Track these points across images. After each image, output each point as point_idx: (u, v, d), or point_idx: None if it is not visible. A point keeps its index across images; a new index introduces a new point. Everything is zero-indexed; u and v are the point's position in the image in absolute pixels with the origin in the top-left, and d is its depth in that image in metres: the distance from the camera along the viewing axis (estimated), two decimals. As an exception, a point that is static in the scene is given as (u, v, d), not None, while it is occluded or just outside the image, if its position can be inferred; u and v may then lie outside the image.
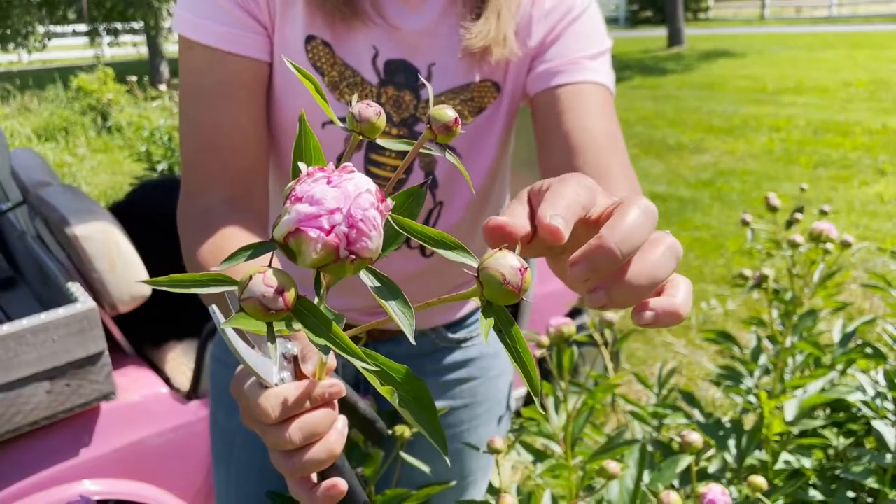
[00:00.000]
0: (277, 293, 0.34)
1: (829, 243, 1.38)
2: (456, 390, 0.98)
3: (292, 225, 0.32)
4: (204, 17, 0.77)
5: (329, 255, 0.33)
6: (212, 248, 0.71)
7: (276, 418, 0.43)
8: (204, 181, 0.78)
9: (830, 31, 17.43)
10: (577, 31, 0.83)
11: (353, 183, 0.33)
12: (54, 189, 1.89)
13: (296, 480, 0.46)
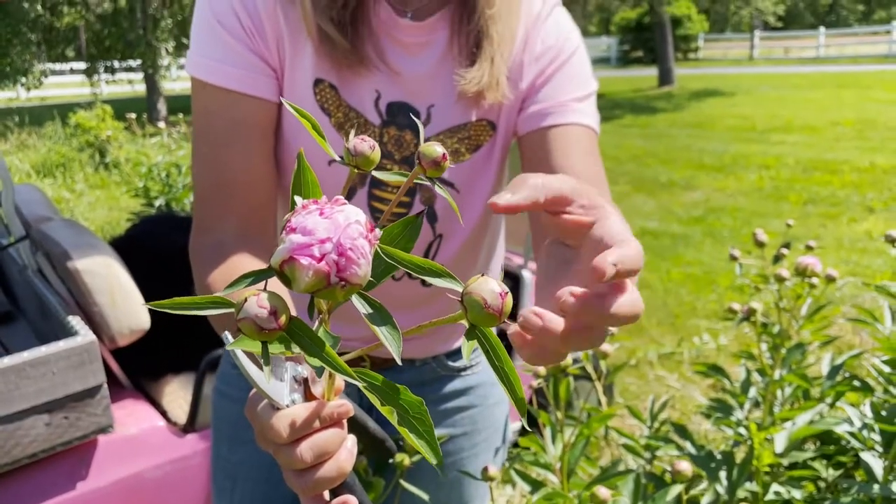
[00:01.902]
0: (271, 314, 0.36)
1: (814, 277, 1.42)
2: (456, 418, 1.00)
3: (286, 253, 0.35)
4: (216, 59, 0.80)
5: (320, 281, 0.36)
6: (222, 277, 0.74)
7: (287, 438, 0.45)
8: (216, 216, 0.81)
9: (818, 72, 17.76)
10: (566, 74, 0.88)
11: (344, 214, 0.36)
12: (56, 224, 1.93)
13: (309, 498, 0.48)
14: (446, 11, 0.85)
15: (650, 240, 5.11)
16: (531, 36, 0.87)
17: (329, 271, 0.35)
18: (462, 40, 0.84)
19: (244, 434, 1.02)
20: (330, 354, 0.38)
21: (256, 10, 0.81)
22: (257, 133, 0.82)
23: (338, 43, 0.80)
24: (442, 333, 0.98)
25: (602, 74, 20.69)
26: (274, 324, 0.37)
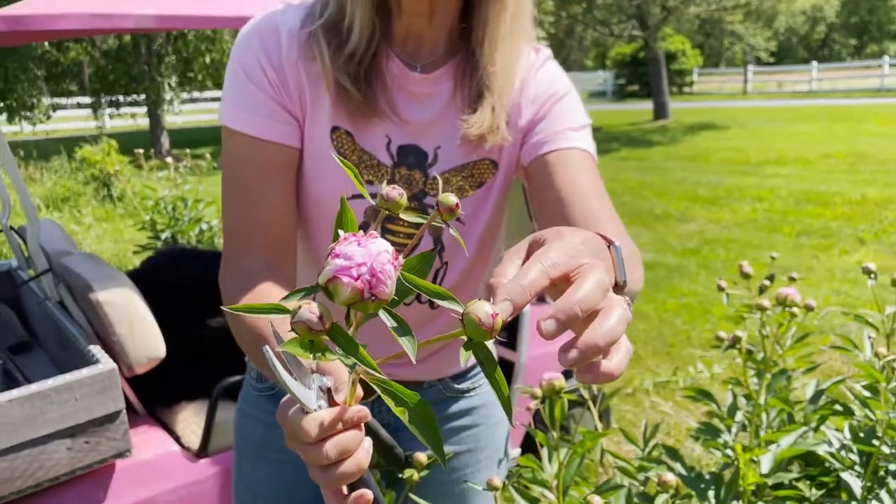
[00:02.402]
0: (318, 319, 0.46)
1: (794, 307, 1.51)
2: (461, 436, 1.09)
3: (331, 273, 0.45)
4: (245, 109, 0.90)
5: (356, 296, 0.45)
6: (247, 300, 0.83)
7: (315, 438, 0.53)
8: (243, 249, 0.90)
9: (811, 105, 18.03)
10: (561, 109, 0.97)
11: (376, 245, 0.46)
12: (77, 257, 2.02)
13: (330, 492, 0.56)
14: (451, 65, 0.94)
15: (646, 271, 5.19)
16: (527, 82, 0.97)
17: (363, 288, 0.45)
18: (465, 91, 0.94)
19: (266, 453, 1.10)
20: (362, 353, 0.48)
21: (281, 65, 0.91)
22: (281, 175, 0.92)
23: (353, 95, 0.90)
24: (447, 358, 1.07)
25: (598, 108, 20.99)
26: (321, 326, 0.47)
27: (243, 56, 0.91)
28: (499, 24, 0.91)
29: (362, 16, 0.88)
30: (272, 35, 0.91)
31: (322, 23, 0.90)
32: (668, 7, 14.74)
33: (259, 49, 0.91)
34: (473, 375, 1.12)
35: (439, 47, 0.95)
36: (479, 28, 0.92)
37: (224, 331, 2.16)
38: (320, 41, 0.89)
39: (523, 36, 0.95)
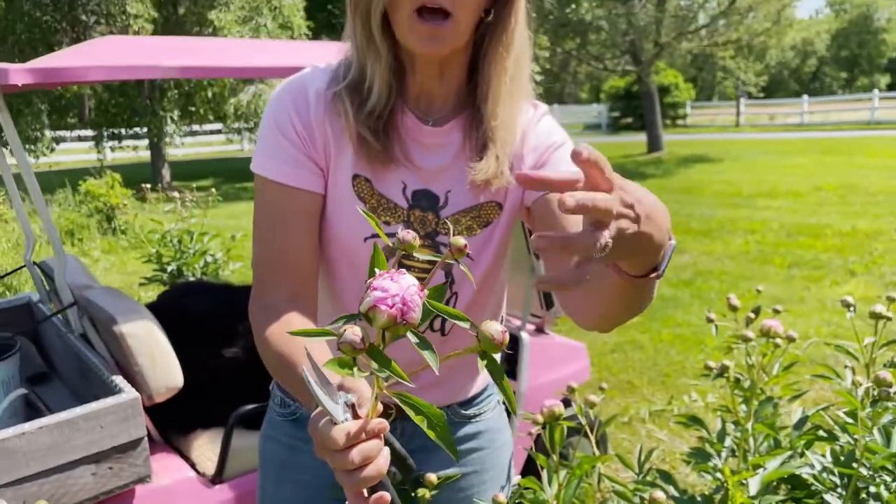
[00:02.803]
0: (360, 340, 0.58)
1: (777, 338, 1.62)
2: (467, 458, 1.19)
3: (371, 303, 0.57)
4: (277, 160, 1.02)
5: (391, 321, 0.57)
6: (277, 331, 0.93)
7: (342, 445, 0.62)
8: (271, 283, 1.01)
9: (802, 138, 18.31)
10: (559, 156, 1.09)
11: (406, 280, 0.58)
12: (100, 291, 2.13)
13: (353, 494, 0.65)
14: (459, 119, 1.06)
15: (641, 302, 5.33)
16: (528, 134, 1.09)
17: (397, 315, 0.57)
18: (472, 142, 1.06)
19: (288, 473, 1.20)
20: (394, 367, 0.60)
21: (309, 122, 1.03)
22: (306, 219, 1.03)
23: (373, 146, 1.01)
24: (454, 386, 1.18)
25: (593, 140, 21.25)
26: (362, 346, 0.58)
27: (277, 114, 1.03)
28: (500, 84, 1.03)
29: (381, 78, 1.00)
30: (301, 95, 1.04)
31: (346, 84, 1.02)
32: (660, 43, 15.05)
33: (291, 108, 1.03)
34: (478, 402, 1.22)
35: (448, 104, 1.07)
36: (482, 87, 1.04)
37: (237, 361, 2.26)
38: (345, 100, 1.01)
39: (522, 95, 1.07)
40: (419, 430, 1.09)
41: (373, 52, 0.98)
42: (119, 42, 2.10)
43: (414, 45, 0.96)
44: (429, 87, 1.05)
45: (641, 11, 14.59)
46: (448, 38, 0.95)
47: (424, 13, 0.93)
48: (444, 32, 0.94)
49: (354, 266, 1.07)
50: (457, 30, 0.95)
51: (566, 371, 2.75)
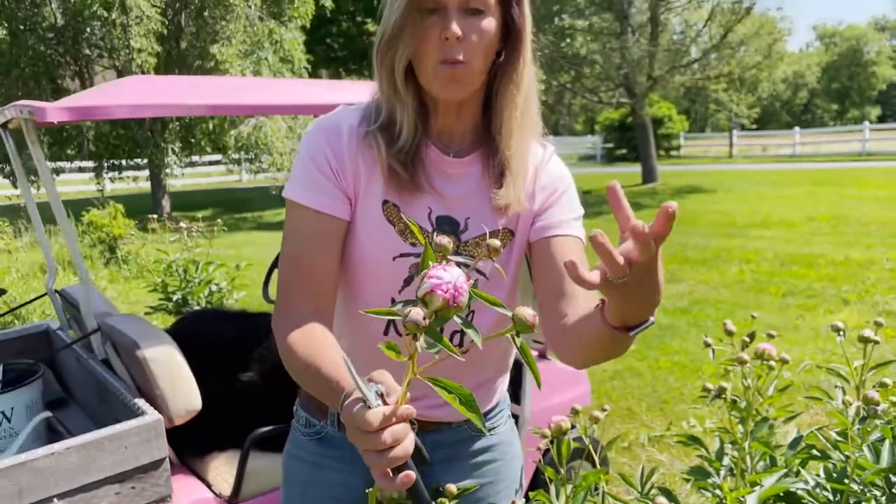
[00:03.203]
0: (424, 318, 0.68)
1: (771, 360, 1.72)
2: (483, 469, 1.28)
3: (428, 288, 0.67)
4: (309, 189, 1.13)
5: (444, 304, 0.67)
6: (299, 338, 1.03)
7: (376, 427, 0.71)
8: (296, 298, 1.11)
9: (795, 169, 18.55)
10: (564, 201, 1.21)
11: (456, 271, 0.69)
12: (121, 318, 2.21)
13: (381, 473, 0.73)
14: (478, 153, 1.19)
15: (639, 331, 5.41)
16: (539, 172, 1.22)
17: (450, 298, 0.67)
18: (491, 171, 1.18)
19: (313, 489, 1.28)
20: (445, 342, 0.70)
21: (342, 155, 1.14)
22: (332, 242, 1.14)
23: (402, 176, 1.13)
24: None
25: (588, 171, 21.48)
26: (425, 323, 0.68)
27: (312, 149, 1.15)
28: (512, 118, 1.16)
29: (409, 121, 1.13)
30: (335, 133, 1.16)
31: (378, 125, 1.15)
32: (653, 76, 15.32)
33: (325, 144, 1.15)
34: (493, 416, 1.32)
35: (467, 139, 1.20)
36: (496, 121, 1.17)
37: (253, 385, 2.34)
38: (378, 138, 1.14)
39: (531, 128, 1.19)
40: (439, 444, 1.19)
41: (399, 100, 1.12)
42: (145, 81, 2.21)
43: (437, 90, 1.10)
44: (449, 125, 1.18)
45: (635, 45, 14.88)
46: (466, 81, 1.09)
47: (447, 60, 1.07)
48: (461, 76, 1.07)
49: (379, 283, 1.17)
50: (473, 74, 1.09)
51: (568, 396, 2.83)
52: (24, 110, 1.84)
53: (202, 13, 12.03)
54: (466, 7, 1.06)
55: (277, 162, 11.67)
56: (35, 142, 1.94)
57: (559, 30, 16.35)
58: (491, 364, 1.28)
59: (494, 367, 1.29)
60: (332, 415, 1.25)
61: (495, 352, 1.27)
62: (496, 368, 1.29)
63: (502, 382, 1.34)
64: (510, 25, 1.12)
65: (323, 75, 21.70)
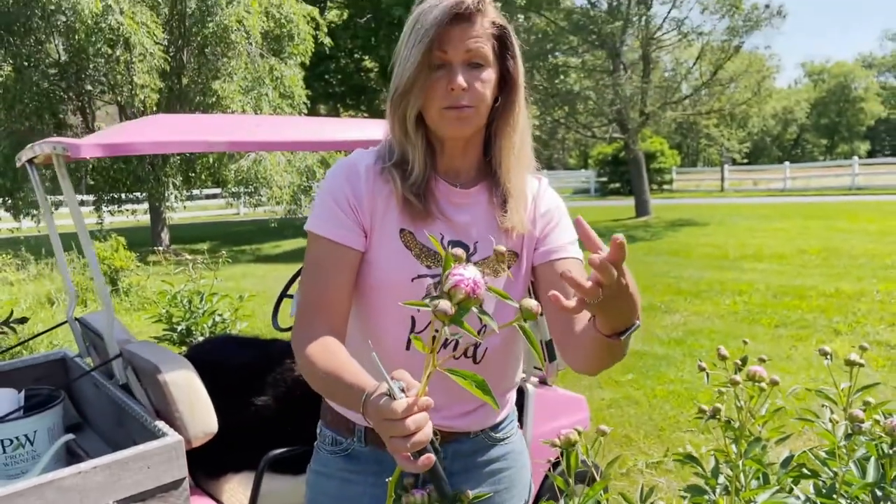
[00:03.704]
0: (451, 307, 0.80)
1: (762, 381, 1.82)
2: (498, 476, 1.38)
3: (452, 283, 0.80)
4: (329, 222, 1.26)
5: (466, 296, 0.79)
6: (317, 350, 1.15)
7: (401, 415, 0.83)
8: (314, 319, 1.23)
9: (786, 203, 18.80)
10: (561, 227, 1.35)
11: (473, 269, 0.81)
12: (140, 344, 2.31)
13: (403, 457, 0.84)
14: (483, 185, 1.33)
15: (635, 360, 5.51)
16: (537, 202, 1.36)
17: (470, 291, 0.80)
18: (495, 200, 1.32)
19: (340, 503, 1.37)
20: (466, 326, 0.81)
21: (360, 192, 1.27)
22: (347, 269, 1.26)
23: (416, 206, 1.26)
24: (486, 412, 1.37)
25: (583, 205, 21.71)
26: (451, 312, 0.80)
27: (332, 187, 1.29)
28: (509, 155, 1.31)
29: (419, 159, 1.27)
30: (353, 172, 1.30)
31: (392, 163, 1.29)
32: (646, 112, 15.61)
33: (344, 182, 1.28)
34: (504, 427, 1.43)
35: (471, 174, 1.34)
36: (496, 159, 1.32)
37: (267, 409, 2.43)
38: (393, 174, 1.27)
39: (526, 164, 1.34)
40: (458, 454, 1.31)
41: (410, 143, 1.27)
42: (168, 119, 2.34)
43: (445, 130, 1.25)
44: (456, 163, 1.32)
45: (627, 82, 15.19)
46: (470, 121, 1.24)
47: (453, 106, 1.22)
48: (467, 116, 1.23)
49: (398, 303, 1.28)
50: (477, 116, 1.24)
51: (568, 421, 2.92)
52: (58, 147, 1.95)
53: (204, 50, 12.28)
54: (469, 62, 1.22)
55: (277, 195, 11.82)
56: (65, 176, 2.06)
57: (553, 67, 16.68)
58: (498, 379, 1.38)
59: (501, 382, 1.39)
60: (359, 432, 1.35)
61: (503, 367, 1.37)
62: (502, 384, 1.40)
63: (510, 397, 1.44)
64: (506, 76, 1.28)
65: (321, 110, 22.01)
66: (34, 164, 2.52)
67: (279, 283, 2.89)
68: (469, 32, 1.21)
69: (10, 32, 11.94)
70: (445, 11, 1.18)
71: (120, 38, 10.56)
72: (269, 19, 12.51)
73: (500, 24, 1.26)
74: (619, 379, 5.07)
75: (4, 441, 2.17)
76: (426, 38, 1.17)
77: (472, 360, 1.32)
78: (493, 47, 1.24)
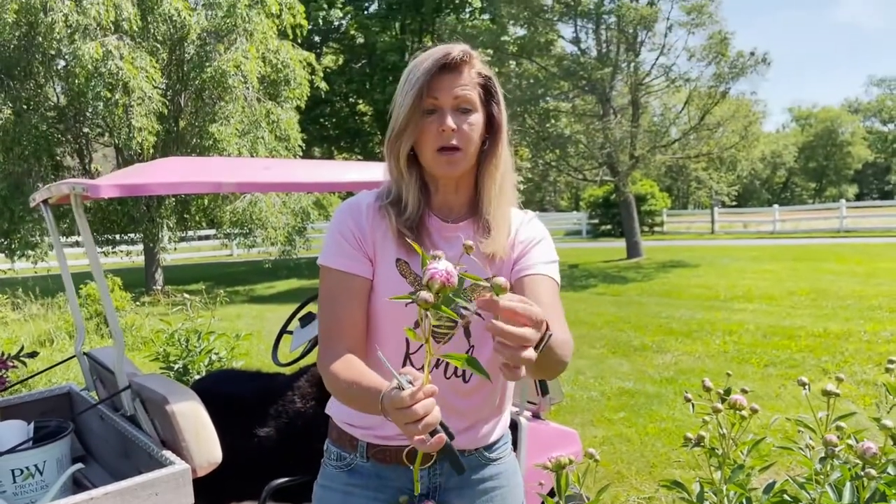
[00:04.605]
0: (431, 297, 0.93)
1: (742, 410, 1.92)
2: (492, 494, 1.47)
3: (429, 275, 0.93)
4: (339, 256, 1.40)
5: (442, 284, 0.93)
6: (342, 366, 1.28)
7: (408, 402, 0.95)
8: (334, 342, 1.35)
9: (775, 245, 19.02)
10: (538, 249, 1.47)
11: (445, 262, 0.95)
12: (148, 376, 2.39)
13: (418, 440, 0.96)
14: (470, 220, 1.46)
15: (627, 398, 5.58)
16: (519, 230, 1.48)
17: (445, 279, 0.93)
18: (480, 231, 1.44)
19: None
20: (445, 310, 0.95)
21: (363, 227, 1.41)
22: (359, 296, 1.39)
23: (409, 238, 1.38)
24: (480, 432, 1.47)
25: (575, 246, 21.91)
26: (433, 300, 0.93)
27: (339, 224, 1.43)
28: (492, 191, 1.44)
29: (412, 197, 1.41)
30: (357, 210, 1.44)
31: (388, 201, 1.43)
32: (635, 155, 15.89)
33: (349, 219, 1.43)
34: (498, 447, 1.52)
35: (463, 210, 1.48)
36: (481, 195, 1.45)
37: (269, 440, 2.51)
38: (388, 211, 1.42)
39: (508, 198, 1.47)
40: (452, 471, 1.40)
41: (404, 181, 1.41)
42: (179, 162, 2.46)
43: (437, 171, 1.39)
44: (449, 199, 1.46)
45: (617, 126, 15.49)
46: (461, 163, 1.39)
47: (444, 149, 1.37)
48: (457, 160, 1.38)
49: (397, 325, 1.40)
50: (465, 157, 1.39)
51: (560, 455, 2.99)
52: (76, 187, 2.07)
53: (202, 94, 12.51)
54: (458, 107, 1.37)
55: (272, 236, 11.93)
56: (82, 215, 2.17)
57: (544, 111, 17.01)
58: (486, 403, 1.48)
59: (489, 407, 1.49)
60: (361, 447, 1.45)
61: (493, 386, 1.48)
62: (490, 409, 1.49)
63: (500, 421, 1.53)
64: (491, 120, 1.43)
65: (316, 153, 22.29)
66: (48, 205, 2.62)
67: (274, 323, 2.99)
68: (457, 81, 1.36)
69: (11, 76, 12.17)
70: (435, 62, 1.34)
71: (119, 82, 10.77)
72: (266, 64, 12.78)
73: (485, 74, 1.42)
74: (612, 417, 5.14)
75: (14, 471, 2.24)
76: (418, 85, 1.33)
77: (461, 379, 1.43)
78: (479, 94, 1.40)
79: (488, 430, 1.48)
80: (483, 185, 1.43)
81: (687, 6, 15.53)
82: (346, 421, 1.48)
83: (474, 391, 1.44)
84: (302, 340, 2.86)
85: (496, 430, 1.51)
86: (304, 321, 2.92)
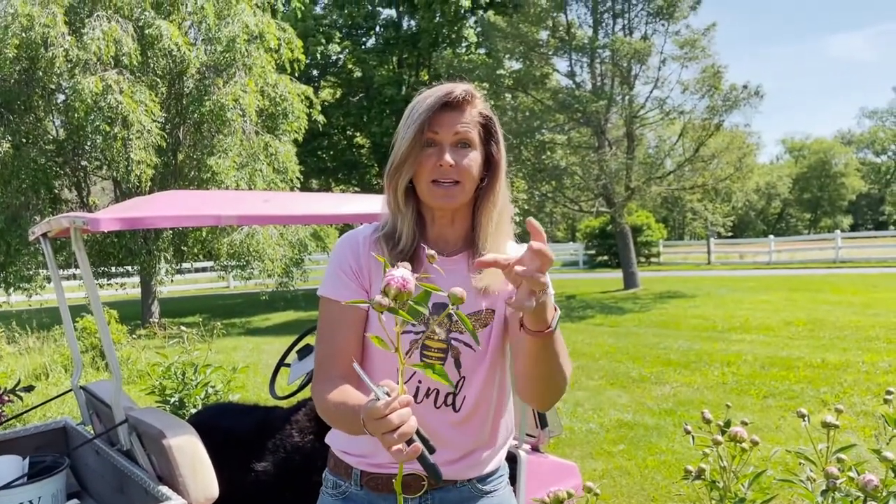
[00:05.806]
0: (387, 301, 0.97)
1: (742, 442, 1.92)
2: (485, 526, 1.47)
3: (387, 282, 0.96)
4: (337, 287, 1.43)
5: (398, 290, 0.96)
6: (335, 395, 1.29)
7: (384, 412, 0.98)
8: (330, 371, 1.38)
9: (771, 275, 19.05)
10: None
11: (402, 270, 0.99)
12: (145, 410, 2.38)
13: (396, 451, 0.97)
14: (466, 252, 1.48)
15: (626, 431, 5.54)
16: None
17: (400, 286, 0.97)
18: (472, 266, 1.45)
19: None
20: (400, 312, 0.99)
21: (359, 260, 1.44)
22: (355, 325, 1.42)
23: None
24: (473, 461, 1.47)
25: (572, 277, 21.92)
26: (389, 303, 0.98)
27: (338, 257, 1.47)
28: (488, 226, 1.46)
29: (408, 229, 1.44)
30: (354, 243, 1.47)
31: (383, 233, 1.46)
32: (631, 187, 15.98)
33: (348, 251, 1.46)
34: (492, 480, 1.52)
35: (458, 244, 1.50)
36: (477, 229, 1.47)
37: (265, 474, 2.49)
38: (382, 244, 1.45)
39: (504, 233, 1.49)
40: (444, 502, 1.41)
41: (401, 214, 1.44)
42: (179, 195, 2.48)
43: (433, 202, 1.42)
44: (445, 233, 1.49)
45: (612, 158, 15.61)
46: (458, 196, 1.41)
47: (441, 181, 1.39)
48: (454, 193, 1.41)
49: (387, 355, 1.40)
50: (463, 191, 1.42)
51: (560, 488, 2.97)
52: (77, 220, 2.08)
53: (200, 127, 12.60)
54: (457, 143, 1.40)
55: (269, 268, 11.93)
56: (81, 249, 2.17)
57: (540, 144, 17.14)
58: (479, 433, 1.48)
59: (481, 437, 1.49)
60: (356, 475, 1.47)
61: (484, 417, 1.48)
62: (483, 439, 1.49)
63: (496, 453, 1.53)
64: (490, 159, 1.46)
65: (313, 185, 22.39)
66: (48, 239, 2.63)
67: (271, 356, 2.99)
68: (458, 118, 1.40)
69: (11, 110, 12.26)
70: (438, 99, 1.38)
71: (118, 115, 10.84)
72: (264, 98, 12.90)
73: (486, 114, 1.45)
74: (611, 449, 5.10)
75: (9, 507, 2.22)
76: (420, 120, 1.36)
77: (452, 408, 1.44)
78: (479, 133, 1.43)
79: (481, 460, 1.49)
80: (479, 219, 1.46)
81: (680, 40, 15.77)
82: (343, 449, 1.50)
83: (465, 421, 1.45)
84: (300, 373, 2.85)
85: (491, 462, 1.51)
86: (301, 354, 2.92)
